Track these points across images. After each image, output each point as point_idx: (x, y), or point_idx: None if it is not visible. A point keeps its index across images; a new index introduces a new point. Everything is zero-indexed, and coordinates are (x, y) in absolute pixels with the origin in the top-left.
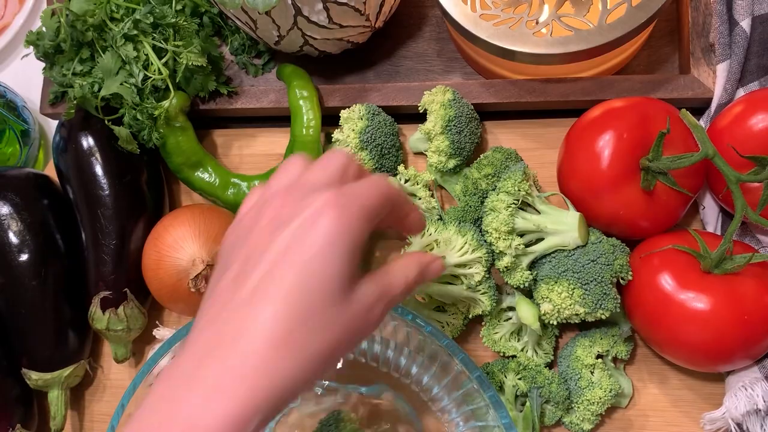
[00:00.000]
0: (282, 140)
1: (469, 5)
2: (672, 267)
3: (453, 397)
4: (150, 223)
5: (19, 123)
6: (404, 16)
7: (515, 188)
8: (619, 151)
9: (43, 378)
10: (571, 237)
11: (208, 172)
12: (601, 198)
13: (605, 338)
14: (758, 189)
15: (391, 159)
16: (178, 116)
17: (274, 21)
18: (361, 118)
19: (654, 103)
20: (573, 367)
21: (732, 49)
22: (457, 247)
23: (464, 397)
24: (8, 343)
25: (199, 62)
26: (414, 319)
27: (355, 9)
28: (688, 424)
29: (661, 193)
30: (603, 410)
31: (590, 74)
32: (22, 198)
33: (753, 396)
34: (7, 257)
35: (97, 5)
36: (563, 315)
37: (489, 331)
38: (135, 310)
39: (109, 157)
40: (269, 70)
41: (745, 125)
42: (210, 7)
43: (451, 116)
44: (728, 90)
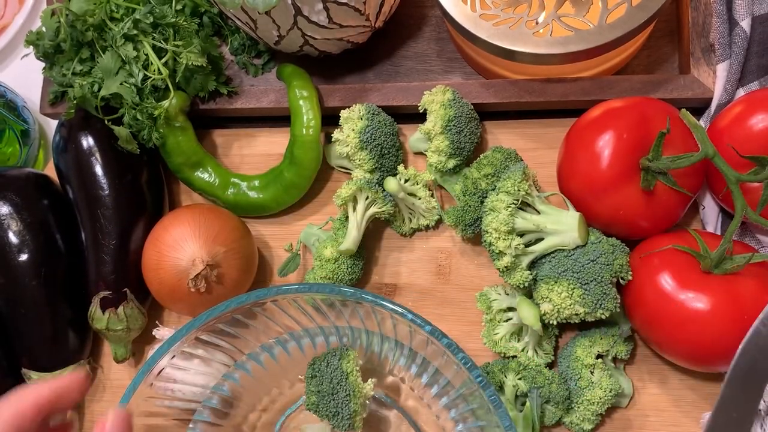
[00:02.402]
0: (282, 140)
1: (469, 5)
2: (672, 267)
3: (452, 397)
4: (150, 223)
5: (19, 123)
6: (404, 16)
7: (515, 188)
8: (619, 151)
9: (44, 378)
10: (570, 237)
11: (208, 172)
12: (600, 198)
13: (605, 338)
14: (758, 189)
15: (391, 159)
16: (178, 116)
17: (274, 21)
18: (361, 118)
19: (654, 103)
20: (573, 367)
21: (732, 49)
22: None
23: (463, 398)
24: (8, 343)
25: (199, 62)
26: (414, 318)
27: (355, 9)
28: (688, 424)
29: (661, 193)
30: (603, 410)
31: (590, 74)
32: (22, 198)
33: None
34: (7, 257)
35: (97, 5)
36: (563, 315)
37: (489, 332)
38: (135, 310)
39: (109, 157)
40: (269, 70)
41: (745, 125)
42: (210, 7)
43: (451, 116)
44: (728, 90)
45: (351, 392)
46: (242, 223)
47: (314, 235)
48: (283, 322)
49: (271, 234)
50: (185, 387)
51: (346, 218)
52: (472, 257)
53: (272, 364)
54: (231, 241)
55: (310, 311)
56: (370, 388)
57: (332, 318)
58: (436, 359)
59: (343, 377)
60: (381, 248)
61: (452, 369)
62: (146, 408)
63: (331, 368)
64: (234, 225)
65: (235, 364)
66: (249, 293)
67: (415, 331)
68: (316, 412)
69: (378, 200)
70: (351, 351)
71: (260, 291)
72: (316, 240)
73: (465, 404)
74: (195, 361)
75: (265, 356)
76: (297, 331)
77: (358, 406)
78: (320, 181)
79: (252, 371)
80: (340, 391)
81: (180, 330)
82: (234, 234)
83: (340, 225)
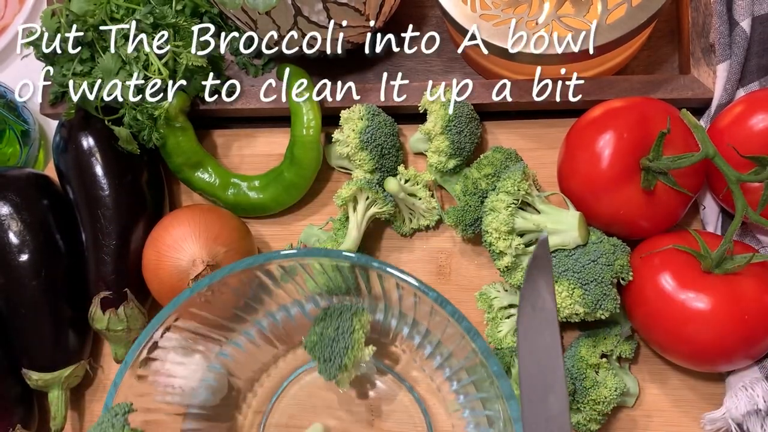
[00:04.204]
0: (282, 140)
1: (469, 5)
2: (672, 267)
3: (455, 369)
4: (150, 223)
5: (19, 123)
6: (404, 16)
7: (515, 188)
8: (620, 150)
9: (44, 378)
10: (571, 236)
11: (208, 173)
12: (601, 198)
13: (609, 338)
14: (758, 189)
15: (391, 159)
16: (178, 116)
17: (274, 21)
18: (361, 118)
19: (654, 103)
20: (577, 368)
21: (732, 49)
22: None
23: (466, 370)
24: (8, 343)
25: (199, 62)
26: (419, 286)
27: (355, 9)
28: (688, 424)
29: (662, 193)
30: (609, 410)
31: (590, 74)
32: (22, 198)
33: (753, 396)
34: (7, 257)
35: (97, 5)
36: (563, 314)
37: (493, 330)
38: (135, 310)
39: (109, 158)
40: (269, 70)
41: (746, 125)
42: (210, 7)
43: (451, 116)
44: (728, 90)
45: (350, 346)
46: (242, 223)
47: (314, 235)
48: (288, 288)
49: (271, 234)
50: (179, 378)
51: (346, 218)
52: (472, 257)
53: (276, 329)
54: (231, 242)
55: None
56: (368, 352)
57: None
58: (440, 331)
59: (349, 330)
60: (381, 248)
61: (456, 340)
62: (144, 404)
63: (343, 318)
64: (234, 225)
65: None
66: (255, 256)
67: (420, 301)
68: (311, 351)
69: (378, 200)
70: (366, 313)
71: (267, 254)
72: (316, 240)
73: (467, 376)
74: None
75: (268, 321)
76: (299, 299)
77: (351, 362)
78: (320, 181)
79: (244, 346)
80: (341, 340)
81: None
82: (234, 234)
83: (340, 225)
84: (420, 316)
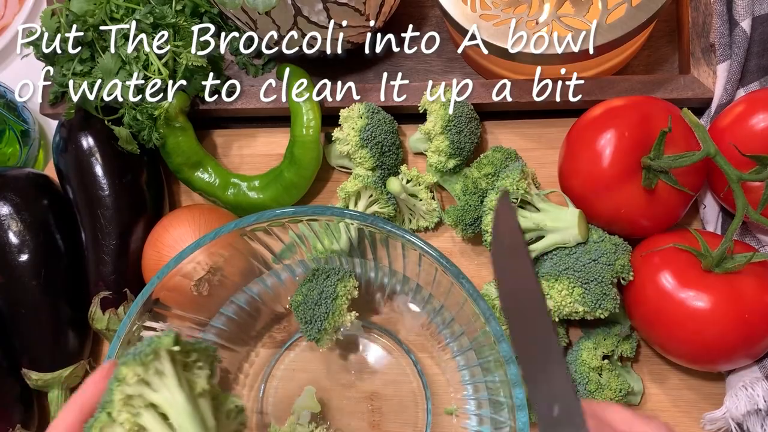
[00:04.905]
0: (282, 140)
1: (469, 5)
2: (673, 266)
3: (456, 334)
4: (150, 223)
5: (19, 123)
6: (404, 16)
7: (513, 187)
8: (621, 149)
9: (44, 378)
10: (571, 234)
11: (208, 173)
12: (602, 196)
13: (609, 338)
14: (759, 188)
15: (391, 157)
16: (178, 116)
17: (274, 21)
18: (361, 117)
19: (655, 102)
20: (580, 372)
21: (732, 49)
22: None
23: (467, 335)
24: (8, 343)
25: (199, 62)
26: (424, 247)
27: (355, 9)
28: (688, 423)
29: (662, 191)
30: None
31: (590, 74)
32: (22, 198)
33: (753, 396)
34: (7, 257)
35: (97, 5)
36: (563, 313)
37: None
38: None
39: (109, 157)
40: (269, 70)
41: (746, 125)
42: (210, 7)
43: (451, 116)
44: (728, 90)
45: (331, 312)
46: None
47: None
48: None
49: None
50: None
51: None
52: (472, 257)
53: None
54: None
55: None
56: (349, 319)
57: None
58: (441, 295)
59: (331, 296)
60: None
61: (457, 305)
62: None
63: (328, 283)
64: None
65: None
66: (261, 212)
67: (423, 270)
68: (295, 310)
69: (380, 200)
70: (352, 279)
71: (273, 210)
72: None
73: (468, 342)
74: None
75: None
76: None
77: (330, 326)
78: (320, 181)
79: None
80: (322, 305)
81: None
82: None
83: None
84: (423, 280)
